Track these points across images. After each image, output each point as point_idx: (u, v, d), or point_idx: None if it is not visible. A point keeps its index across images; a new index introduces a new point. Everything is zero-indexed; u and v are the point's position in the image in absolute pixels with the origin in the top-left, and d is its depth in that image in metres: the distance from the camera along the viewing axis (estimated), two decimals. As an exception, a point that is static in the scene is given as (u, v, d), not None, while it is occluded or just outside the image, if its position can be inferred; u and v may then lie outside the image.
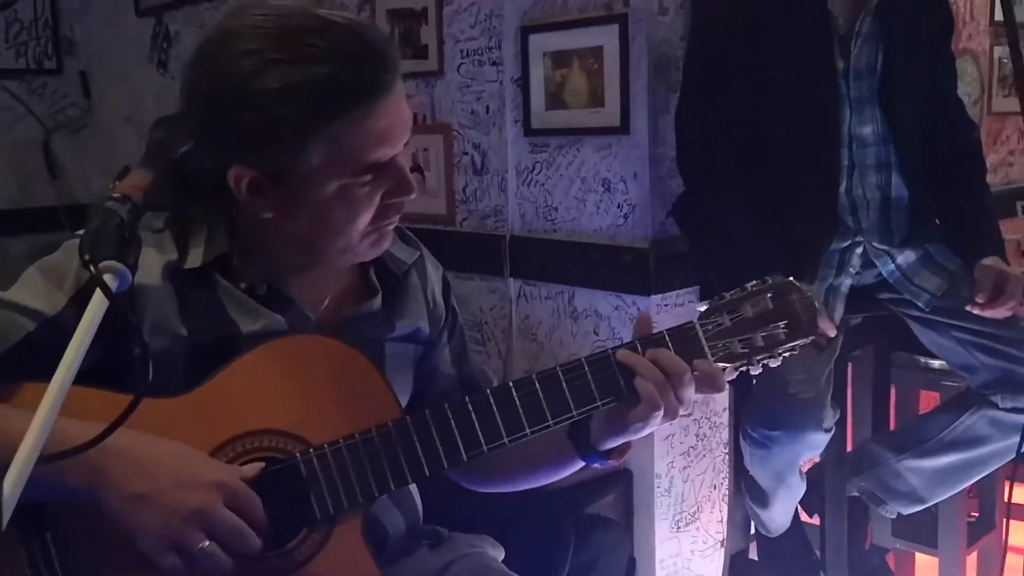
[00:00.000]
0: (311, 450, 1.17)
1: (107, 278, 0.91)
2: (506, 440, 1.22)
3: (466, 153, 2.76)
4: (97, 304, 0.89)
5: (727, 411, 2.55)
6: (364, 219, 1.19)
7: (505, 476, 1.46)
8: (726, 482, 2.63)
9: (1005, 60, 3.23)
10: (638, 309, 2.42)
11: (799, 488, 2.10)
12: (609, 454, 1.32)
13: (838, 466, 2.09)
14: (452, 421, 1.21)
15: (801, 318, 1.32)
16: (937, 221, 2.08)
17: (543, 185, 2.59)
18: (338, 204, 1.16)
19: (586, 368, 1.25)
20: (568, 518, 2.00)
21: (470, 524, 1.58)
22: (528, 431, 1.22)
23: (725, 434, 2.58)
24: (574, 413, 1.23)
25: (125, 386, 1.13)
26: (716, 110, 2.04)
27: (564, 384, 1.23)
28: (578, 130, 2.47)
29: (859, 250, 2.04)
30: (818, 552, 2.25)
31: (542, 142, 2.57)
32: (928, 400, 2.67)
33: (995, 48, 3.30)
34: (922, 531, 2.35)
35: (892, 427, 2.40)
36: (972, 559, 2.46)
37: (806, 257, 1.98)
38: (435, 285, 1.44)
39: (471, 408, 1.22)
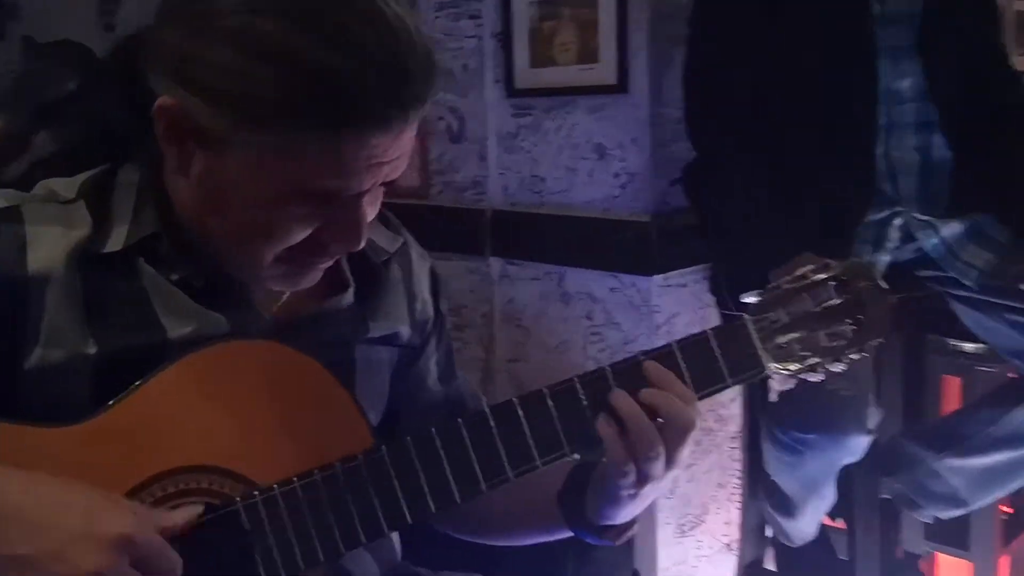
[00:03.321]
0: (256, 493, 0.90)
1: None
2: (511, 475, 0.94)
3: (441, 118, 2.49)
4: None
5: (736, 401, 2.30)
6: (285, 241, 0.91)
7: (483, 526, 1.20)
8: (733, 479, 2.38)
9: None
10: (638, 291, 2.15)
11: (832, 497, 1.85)
12: (605, 531, 1.06)
13: (870, 465, 1.85)
14: (441, 450, 0.93)
15: (871, 311, 1.07)
16: (985, 187, 1.82)
17: (528, 153, 2.33)
18: (263, 211, 0.89)
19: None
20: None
21: (458, 559, 1.31)
22: (539, 462, 0.96)
23: (733, 427, 2.34)
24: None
25: (8, 411, 0.87)
26: (731, 63, 1.80)
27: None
28: (568, 89, 2.21)
29: (898, 222, 1.79)
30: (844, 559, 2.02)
31: (527, 104, 2.31)
32: (951, 388, 2.43)
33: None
34: (952, 532, 2.13)
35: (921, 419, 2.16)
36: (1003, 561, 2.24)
37: (839, 231, 1.74)
38: (421, 281, 1.17)
39: (465, 432, 0.94)
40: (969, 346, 2.09)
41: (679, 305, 2.18)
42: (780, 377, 1.07)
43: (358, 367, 1.07)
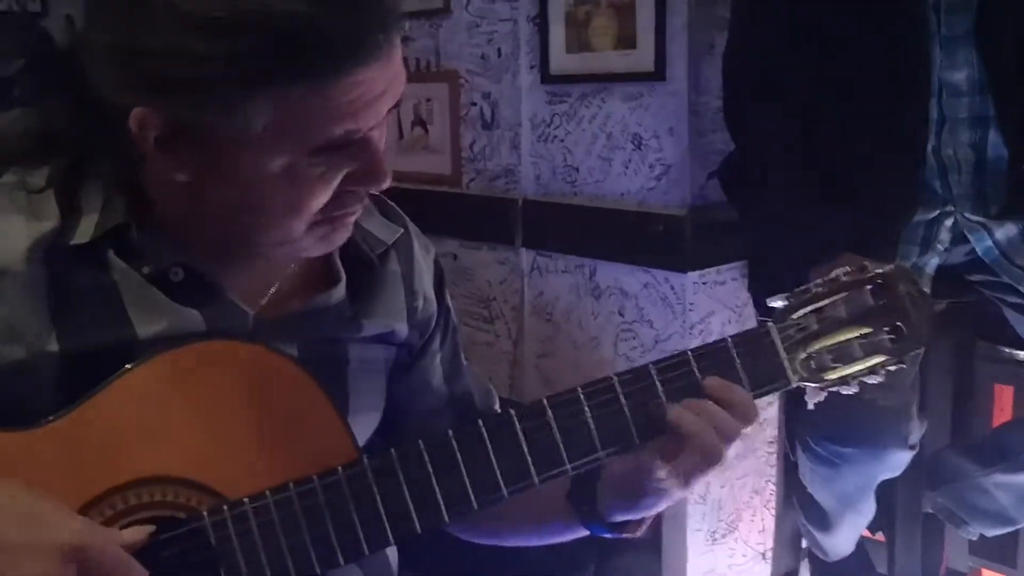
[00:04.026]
0: (225, 507, 0.83)
1: None
2: (505, 492, 0.87)
3: (474, 104, 2.42)
4: None
5: (774, 405, 2.20)
6: (314, 206, 0.84)
7: (491, 529, 1.12)
8: (769, 485, 2.29)
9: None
10: (672, 287, 2.06)
11: (871, 512, 1.75)
12: (623, 526, 0.99)
13: (914, 478, 1.74)
14: (429, 464, 0.86)
15: (913, 320, 0.98)
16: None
17: (562, 141, 2.24)
18: (281, 186, 0.82)
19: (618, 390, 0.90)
20: (585, 541, 1.67)
21: (464, 569, 1.24)
22: (536, 480, 0.88)
23: (770, 430, 2.24)
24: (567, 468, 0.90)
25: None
26: (774, 51, 1.69)
27: (589, 415, 0.88)
28: (605, 76, 2.11)
29: (948, 222, 1.68)
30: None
31: (562, 91, 2.22)
32: (1003, 398, 2.30)
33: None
34: (998, 548, 2.02)
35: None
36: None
37: (885, 231, 1.63)
38: (423, 274, 1.09)
39: (455, 445, 0.87)
40: (1023, 354, 1.96)
41: (715, 303, 2.09)
42: (809, 390, 0.98)
43: (351, 366, 1.00)
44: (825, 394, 0.98)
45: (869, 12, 1.62)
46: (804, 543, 2.04)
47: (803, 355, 0.95)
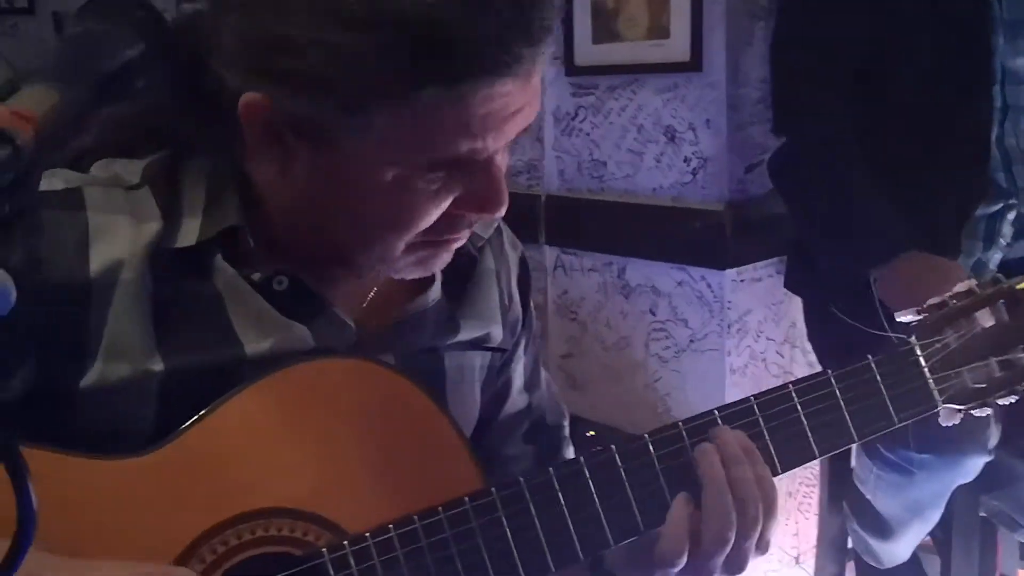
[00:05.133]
0: (345, 543, 0.75)
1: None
2: (642, 527, 0.80)
3: (493, 97, 2.31)
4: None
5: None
6: (419, 226, 0.76)
7: None
8: (803, 487, 2.23)
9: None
10: (708, 285, 2.00)
11: (936, 519, 1.69)
12: None
13: (972, 481, 1.68)
14: (560, 493, 0.78)
15: None
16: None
17: (588, 135, 2.17)
18: (389, 199, 0.74)
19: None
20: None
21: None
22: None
23: (802, 431, 2.18)
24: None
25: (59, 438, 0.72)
26: (829, 37, 1.62)
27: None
28: (635, 67, 2.04)
29: (1011, 216, 1.62)
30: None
31: (588, 83, 2.15)
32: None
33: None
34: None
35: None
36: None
37: (948, 226, 1.57)
38: (511, 273, 1.01)
39: (587, 472, 0.79)
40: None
41: (753, 301, 2.03)
42: (944, 412, 0.91)
43: (448, 377, 0.92)
44: (961, 416, 0.92)
45: None
46: (850, 547, 1.98)
47: (945, 375, 0.88)
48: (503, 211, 0.78)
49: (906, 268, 1.48)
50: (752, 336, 2.04)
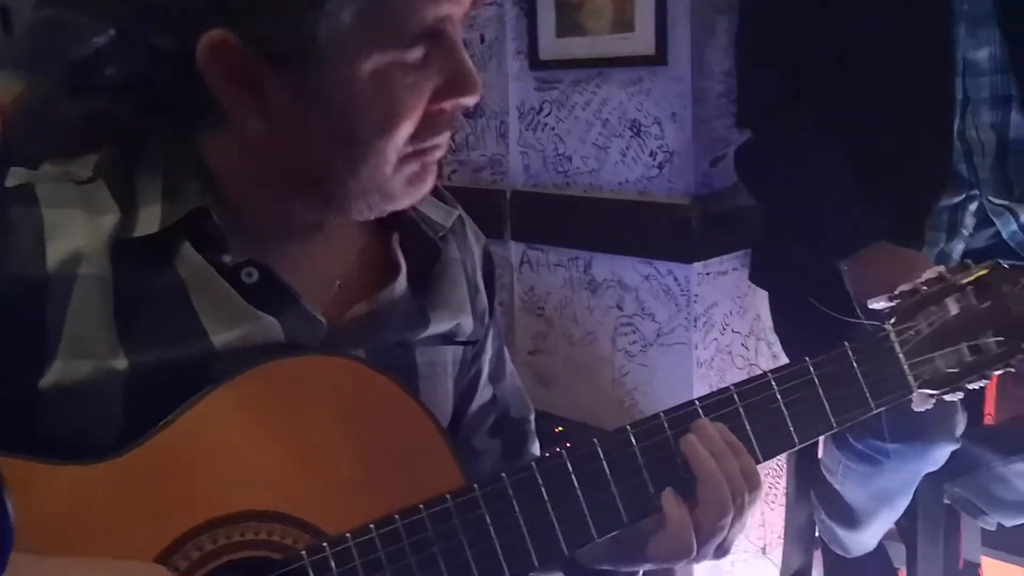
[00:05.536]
0: (325, 545, 0.73)
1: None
2: (625, 520, 0.79)
3: (456, 91, 2.29)
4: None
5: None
6: (405, 126, 0.75)
7: None
8: (768, 478, 2.24)
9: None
10: (675, 279, 2.00)
11: (903, 507, 1.70)
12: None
13: (935, 470, 1.70)
14: (543, 488, 0.77)
15: (1016, 320, 0.94)
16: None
17: (553, 129, 2.16)
18: (373, 96, 0.73)
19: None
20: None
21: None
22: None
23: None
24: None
25: (19, 443, 0.69)
26: (793, 33, 1.62)
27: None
28: (600, 61, 2.03)
29: (973, 206, 1.64)
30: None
31: (552, 77, 2.13)
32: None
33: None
34: (1007, 538, 1.99)
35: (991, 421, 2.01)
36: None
37: (912, 216, 1.58)
38: (477, 263, 1.00)
39: (570, 465, 0.78)
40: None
41: (718, 294, 2.03)
42: (917, 397, 0.92)
43: (420, 372, 0.91)
44: (933, 402, 0.93)
45: None
46: (817, 536, 1.99)
47: (919, 360, 0.89)
48: (478, 93, 0.78)
49: (872, 259, 1.49)
50: (718, 329, 2.05)
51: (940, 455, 1.53)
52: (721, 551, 0.83)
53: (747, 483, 0.81)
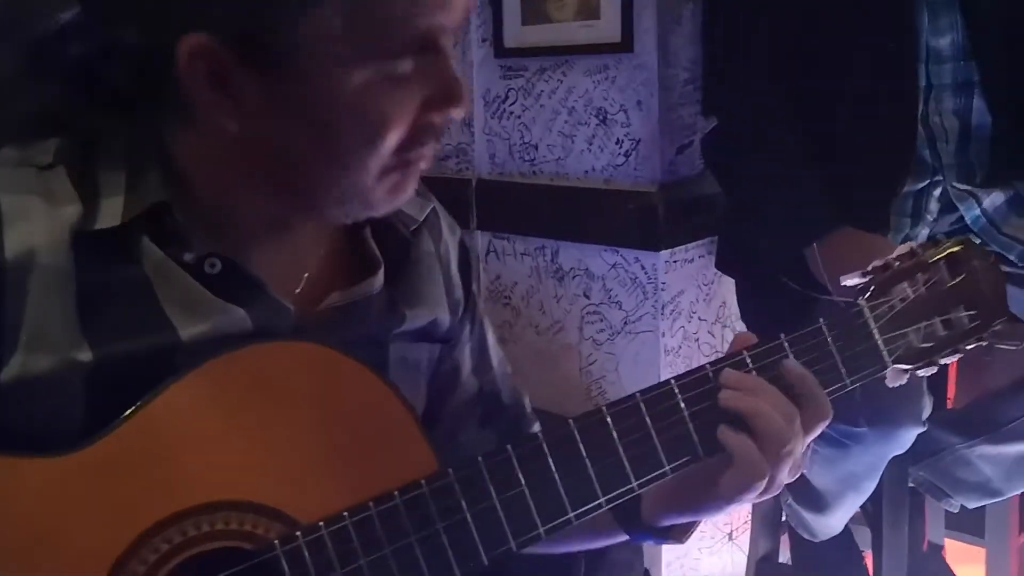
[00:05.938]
0: (298, 534, 0.72)
1: None
2: (603, 500, 0.78)
3: (420, 80, 2.27)
4: None
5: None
6: (392, 138, 0.73)
7: None
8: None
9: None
10: (642, 267, 2.00)
11: (870, 491, 1.72)
12: (668, 531, 0.92)
13: (902, 454, 1.72)
14: (518, 470, 0.76)
15: (987, 295, 0.94)
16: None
17: (519, 118, 2.14)
18: (359, 107, 0.71)
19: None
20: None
21: None
22: (635, 483, 0.79)
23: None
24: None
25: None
26: (757, 19, 1.63)
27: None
28: (565, 48, 2.02)
29: (937, 192, 1.65)
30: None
31: (518, 65, 2.12)
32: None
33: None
34: (970, 520, 2.03)
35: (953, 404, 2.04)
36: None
37: (877, 203, 1.59)
38: (451, 255, 0.99)
39: (547, 449, 0.77)
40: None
41: (685, 282, 2.03)
42: (891, 373, 0.93)
43: (391, 369, 0.89)
44: (907, 378, 0.93)
45: None
46: (783, 521, 2.00)
47: (893, 335, 0.89)
48: (465, 106, 0.77)
49: (838, 245, 1.51)
50: (685, 317, 2.05)
51: (907, 438, 1.55)
52: (795, 470, 0.85)
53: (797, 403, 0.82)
